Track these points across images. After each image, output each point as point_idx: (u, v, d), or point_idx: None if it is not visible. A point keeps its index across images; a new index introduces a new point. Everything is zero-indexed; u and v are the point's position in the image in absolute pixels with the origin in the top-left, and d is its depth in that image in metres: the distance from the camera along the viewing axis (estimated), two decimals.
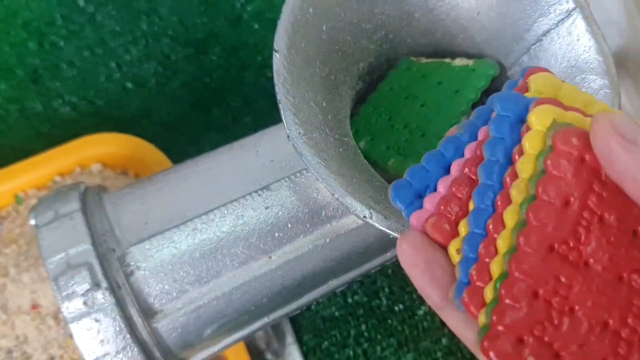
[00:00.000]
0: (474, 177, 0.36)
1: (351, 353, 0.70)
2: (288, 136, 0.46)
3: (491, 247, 0.33)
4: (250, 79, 0.81)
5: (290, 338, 0.71)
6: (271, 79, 0.48)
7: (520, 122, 0.34)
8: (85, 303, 0.49)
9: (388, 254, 0.57)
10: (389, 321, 0.70)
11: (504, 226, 0.32)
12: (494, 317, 0.31)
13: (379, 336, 0.70)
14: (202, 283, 0.52)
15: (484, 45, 0.54)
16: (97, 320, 0.49)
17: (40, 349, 0.63)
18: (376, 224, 0.44)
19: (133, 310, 0.50)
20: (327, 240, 0.54)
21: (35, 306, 0.64)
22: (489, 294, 0.32)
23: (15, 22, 0.83)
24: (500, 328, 0.30)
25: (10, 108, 0.80)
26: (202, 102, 0.80)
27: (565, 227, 0.30)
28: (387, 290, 0.71)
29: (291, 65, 0.48)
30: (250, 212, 0.52)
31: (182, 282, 0.52)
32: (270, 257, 0.53)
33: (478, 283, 0.32)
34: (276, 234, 0.53)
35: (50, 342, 0.63)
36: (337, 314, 0.71)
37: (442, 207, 0.36)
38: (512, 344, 0.30)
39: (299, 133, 0.46)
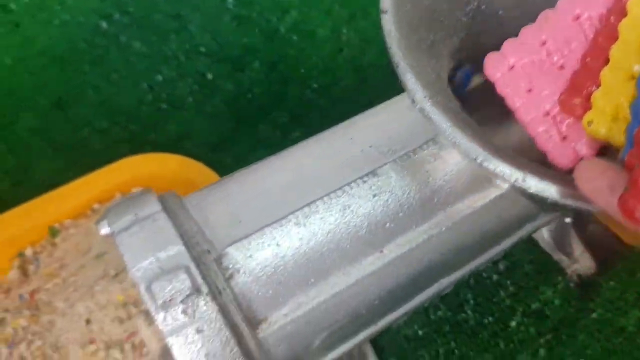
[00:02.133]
0: None
1: None
2: (413, 100, 0.40)
3: None
4: (294, 93, 0.75)
5: None
6: (316, 90, 0.43)
7: None
8: (184, 312, 0.42)
9: (503, 243, 0.51)
10: (480, 335, 0.64)
11: None
12: None
13: (471, 352, 0.63)
14: (309, 285, 0.45)
15: None
16: (199, 331, 0.42)
17: None
18: (531, 185, 0.38)
19: (238, 318, 0.43)
20: (442, 229, 0.48)
21: (92, 340, 0.56)
22: None
23: (32, 49, 0.77)
24: None
25: (35, 139, 0.73)
26: (246, 119, 0.74)
27: None
28: (472, 302, 0.65)
29: (400, 26, 0.43)
30: (357, 201, 0.46)
31: (288, 285, 0.45)
32: (381, 252, 0.47)
33: None
34: (387, 225, 0.47)
35: None
36: (420, 332, 0.64)
37: None
38: None
39: (425, 96, 0.41)
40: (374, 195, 0.47)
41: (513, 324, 0.66)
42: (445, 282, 0.51)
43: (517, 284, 0.68)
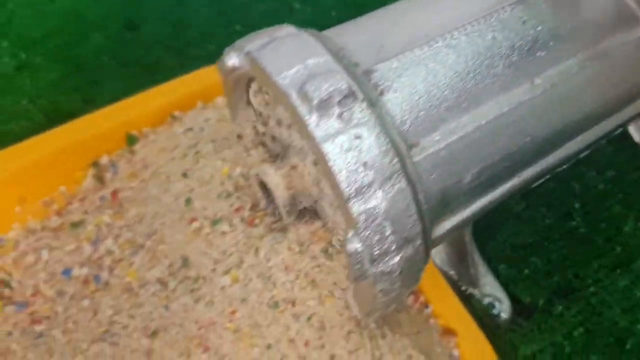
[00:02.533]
0: None
1: (559, 279, 0.58)
2: None
3: None
4: None
5: (482, 268, 0.59)
6: None
7: None
8: (340, 117, 0.38)
9: None
10: (593, 242, 0.59)
11: None
12: None
13: (585, 258, 0.58)
14: (461, 110, 0.41)
15: None
16: (358, 137, 0.38)
17: None
18: None
19: (394, 133, 0.38)
20: (597, 64, 0.44)
21: (194, 219, 0.51)
22: None
23: None
24: None
25: (104, 58, 0.70)
26: None
27: None
28: (580, 210, 0.61)
29: None
30: (506, 26, 0.43)
31: (439, 109, 0.41)
32: (532, 82, 0.43)
33: None
34: (538, 53, 0.43)
35: None
36: (530, 240, 0.59)
37: None
38: None
39: None
40: (524, 22, 0.44)
41: (627, 228, 0.61)
42: (590, 135, 0.47)
43: (625, 191, 0.64)
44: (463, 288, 0.57)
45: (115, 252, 0.54)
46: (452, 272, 0.58)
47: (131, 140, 0.62)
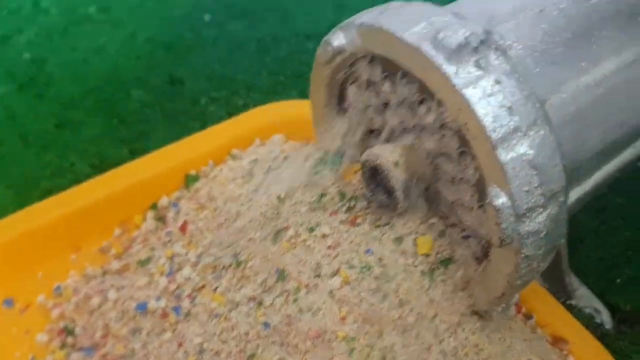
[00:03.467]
0: None
1: None
2: None
3: None
4: None
5: (575, 279, 0.56)
6: None
7: None
8: (477, 64, 0.37)
9: None
10: None
11: None
12: None
13: None
14: (581, 69, 0.42)
15: None
16: (498, 82, 0.37)
17: None
18: None
19: (526, 87, 0.38)
20: None
21: (286, 227, 0.48)
22: None
23: (137, 39, 0.75)
24: None
25: (147, 111, 0.69)
26: None
27: None
28: None
29: None
30: None
31: (563, 66, 0.41)
32: None
33: None
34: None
35: None
36: (613, 252, 0.58)
37: None
38: None
39: None
40: None
41: None
42: None
43: None
44: (561, 300, 0.54)
45: (194, 279, 0.50)
46: (546, 286, 0.55)
47: (191, 179, 0.59)
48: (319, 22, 0.42)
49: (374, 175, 0.44)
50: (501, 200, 0.36)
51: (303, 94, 0.64)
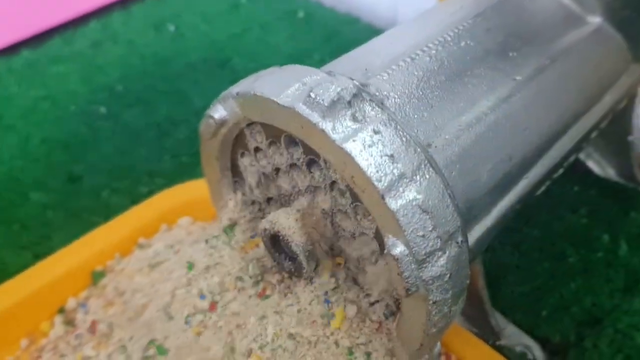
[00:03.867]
0: None
1: (579, 311, 0.56)
2: None
3: None
4: None
5: (500, 319, 0.56)
6: None
7: None
8: (353, 118, 0.37)
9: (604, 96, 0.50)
10: (596, 271, 0.59)
11: None
12: None
13: (596, 287, 0.58)
14: (460, 110, 0.42)
15: None
16: (377, 132, 0.37)
17: None
18: None
19: (407, 134, 0.38)
20: (563, 59, 0.47)
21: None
22: None
23: (32, 142, 0.74)
24: None
25: (49, 212, 0.68)
26: None
27: None
28: (571, 247, 0.61)
29: None
30: (474, 34, 0.46)
31: (441, 110, 0.41)
32: (514, 79, 0.45)
33: None
34: (510, 54, 0.46)
35: None
36: (535, 284, 0.59)
37: None
38: None
39: None
40: (488, 30, 0.46)
41: (621, 252, 0.61)
42: (577, 132, 0.49)
43: (605, 221, 0.65)
44: (490, 343, 0.53)
45: None
46: (474, 330, 0.54)
47: (97, 276, 0.57)
48: (215, 97, 0.42)
49: (275, 242, 0.43)
50: (399, 249, 0.36)
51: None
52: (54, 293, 0.56)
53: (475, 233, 0.42)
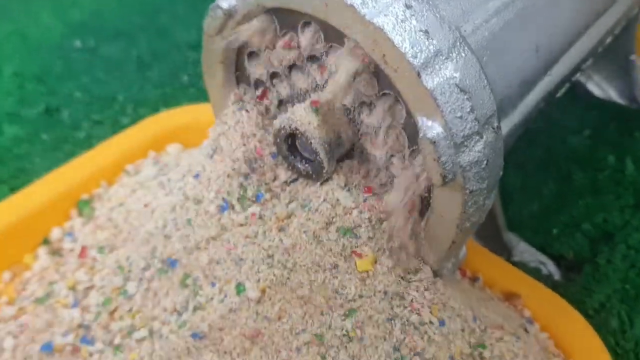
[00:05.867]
0: None
1: (591, 228, 0.55)
2: None
3: None
4: None
5: (513, 237, 0.54)
6: None
7: None
8: None
9: None
10: (604, 189, 0.57)
11: None
12: None
13: (606, 205, 0.56)
14: None
15: None
16: (409, 7, 0.34)
17: None
18: None
19: (438, 9, 0.35)
20: None
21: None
22: None
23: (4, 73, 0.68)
24: None
25: (25, 146, 0.63)
26: None
27: None
28: (577, 167, 0.59)
29: None
30: None
31: None
32: None
33: None
34: None
35: None
36: (543, 204, 0.56)
37: None
38: None
39: None
40: None
41: (628, 171, 0.60)
42: (595, 33, 0.46)
43: (609, 141, 0.63)
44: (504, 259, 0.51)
45: (104, 304, 0.43)
46: (486, 247, 0.52)
47: (83, 205, 0.53)
48: (198, 31, 0.38)
49: (290, 144, 0.40)
50: (435, 131, 0.33)
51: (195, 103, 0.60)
52: (37, 223, 0.52)
53: (505, 126, 0.39)
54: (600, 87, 0.66)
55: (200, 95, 0.67)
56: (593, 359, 0.44)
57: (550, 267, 0.52)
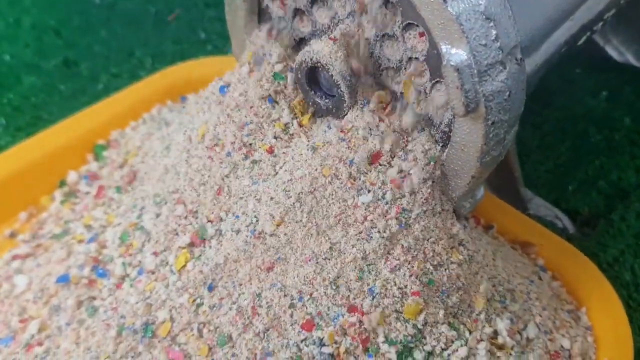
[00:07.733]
0: None
1: (606, 185, 0.55)
2: None
3: None
4: None
5: (528, 192, 0.54)
6: None
7: None
8: None
9: None
10: (620, 148, 0.57)
11: None
12: None
13: (621, 163, 0.56)
14: None
15: None
16: None
17: None
18: None
19: None
20: None
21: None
22: None
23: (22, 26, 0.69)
24: None
25: (42, 96, 0.63)
26: None
27: None
28: (593, 127, 0.59)
29: None
30: None
31: None
32: None
33: None
34: None
35: None
36: (558, 162, 0.57)
37: None
38: None
39: None
40: None
41: None
42: None
43: (627, 103, 0.63)
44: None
45: (121, 240, 0.44)
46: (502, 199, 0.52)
47: (99, 149, 0.53)
48: None
49: (311, 79, 0.40)
50: (459, 58, 0.33)
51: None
52: (53, 166, 0.52)
53: (527, 66, 0.39)
54: (618, 51, 0.65)
55: (217, 52, 0.67)
56: (605, 306, 0.44)
57: (565, 222, 0.52)
